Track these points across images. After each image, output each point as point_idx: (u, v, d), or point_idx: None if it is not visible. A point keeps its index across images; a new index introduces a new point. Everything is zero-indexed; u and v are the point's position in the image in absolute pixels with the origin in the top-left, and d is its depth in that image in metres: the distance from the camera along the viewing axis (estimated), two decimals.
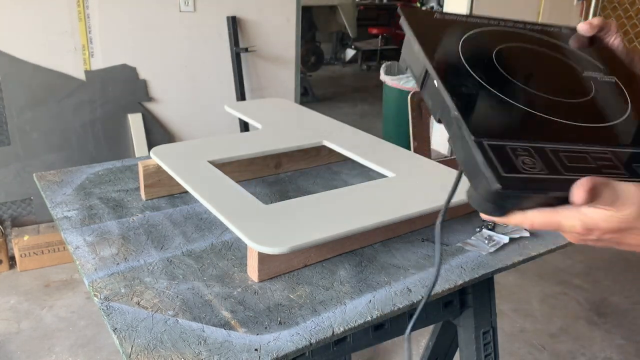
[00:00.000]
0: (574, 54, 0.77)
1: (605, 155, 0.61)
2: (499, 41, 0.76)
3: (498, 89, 0.66)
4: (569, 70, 0.74)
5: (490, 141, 0.58)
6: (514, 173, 0.55)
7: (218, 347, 0.76)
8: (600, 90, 0.72)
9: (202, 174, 1.10)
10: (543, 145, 0.59)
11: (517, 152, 0.58)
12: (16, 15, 2.39)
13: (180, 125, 2.94)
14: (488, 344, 1.12)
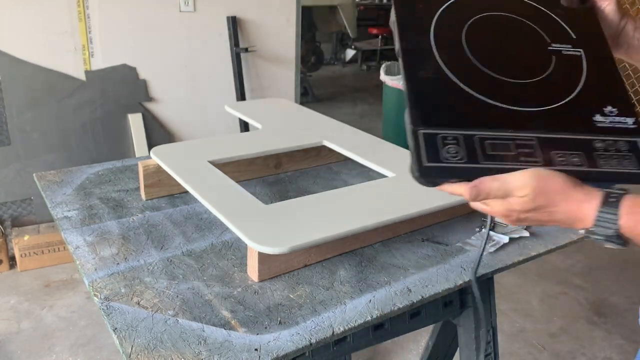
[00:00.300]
0: (550, 21, 0.77)
1: (531, 142, 0.65)
2: (476, 10, 0.78)
3: (455, 72, 0.70)
4: (536, 43, 0.75)
5: (426, 129, 0.65)
6: (435, 162, 0.62)
7: (218, 347, 0.76)
8: (558, 67, 0.73)
9: (202, 174, 1.10)
10: (474, 132, 0.65)
11: (446, 141, 0.64)
12: (16, 15, 2.39)
13: (180, 125, 2.94)
14: (488, 344, 1.12)
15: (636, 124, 0.68)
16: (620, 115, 0.69)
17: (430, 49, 0.73)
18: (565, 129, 0.67)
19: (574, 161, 0.65)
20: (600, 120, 0.68)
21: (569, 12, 0.79)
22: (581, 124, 0.68)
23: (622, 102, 0.70)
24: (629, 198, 0.58)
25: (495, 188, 0.61)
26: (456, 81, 0.70)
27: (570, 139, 0.67)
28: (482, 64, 0.72)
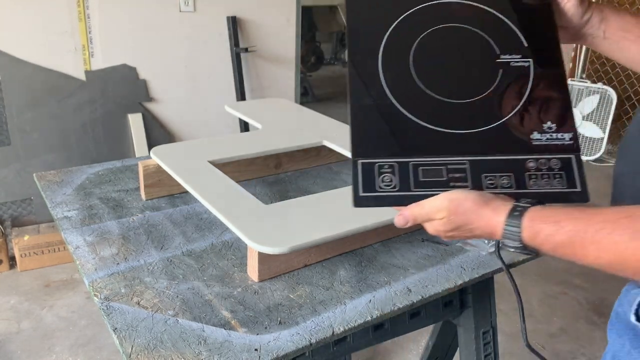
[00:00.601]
0: (503, 28, 0.75)
1: (463, 166, 0.68)
2: (427, 24, 0.76)
3: (398, 98, 0.72)
4: (484, 56, 0.74)
5: (365, 159, 0.69)
6: (370, 192, 0.67)
7: (218, 347, 0.76)
8: (502, 82, 0.72)
9: (202, 174, 1.10)
10: (410, 160, 0.69)
11: (382, 170, 0.68)
12: (16, 15, 2.39)
13: (180, 125, 2.94)
14: (488, 344, 1.12)
15: (572, 140, 0.68)
16: (559, 131, 0.69)
17: (377, 72, 0.73)
18: (500, 150, 0.68)
19: (503, 183, 0.66)
20: (537, 138, 0.69)
21: (526, 13, 0.76)
22: (517, 144, 0.69)
23: (563, 117, 0.70)
24: (533, 210, 0.61)
25: (417, 213, 0.66)
26: (399, 107, 0.71)
27: (502, 160, 0.68)
28: (427, 86, 0.73)
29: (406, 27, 0.76)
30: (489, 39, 0.75)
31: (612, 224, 0.56)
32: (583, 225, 0.57)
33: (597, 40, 0.78)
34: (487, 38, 0.75)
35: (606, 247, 0.56)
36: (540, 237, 0.60)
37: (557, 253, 0.60)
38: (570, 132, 0.69)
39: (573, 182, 0.66)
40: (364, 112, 0.72)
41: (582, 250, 0.57)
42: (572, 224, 0.58)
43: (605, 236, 0.56)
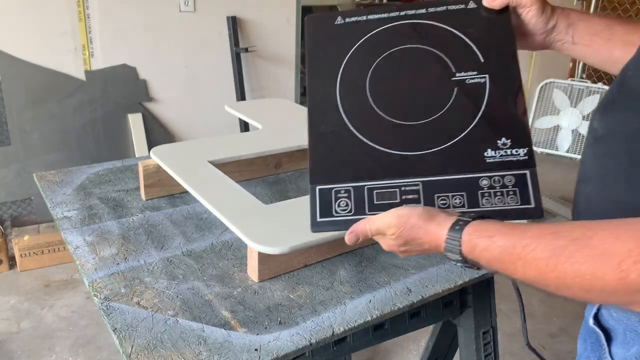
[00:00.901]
0: (460, 45, 0.75)
1: (416, 187, 0.69)
2: (385, 47, 0.77)
3: (355, 123, 0.73)
4: (441, 75, 0.74)
5: (323, 185, 0.71)
6: (327, 217, 0.69)
7: (218, 347, 0.76)
8: (457, 101, 0.72)
9: (202, 174, 1.10)
10: (365, 184, 0.70)
11: (339, 195, 0.70)
12: (16, 15, 2.39)
13: (180, 125, 2.94)
14: (488, 344, 1.12)
15: (527, 155, 0.68)
16: (514, 146, 0.68)
17: (335, 99, 0.75)
18: (454, 169, 0.68)
19: (455, 203, 0.67)
20: (491, 156, 0.68)
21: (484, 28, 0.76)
22: (471, 162, 0.68)
23: (517, 132, 0.69)
24: (473, 224, 0.61)
25: (368, 229, 0.68)
26: (355, 133, 0.73)
27: (455, 180, 0.68)
28: (383, 110, 0.73)
29: (363, 52, 0.77)
30: (445, 57, 0.75)
31: (537, 241, 0.56)
32: (512, 241, 0.58)
33: (566, 45, 0.78)
34: (444, 57, 0.75)
35: (530, 263, 0.56)
36: (476, 251, 0.60)
37: (492, 267, 0.60)
38: (525, 147, 0.68)
39: (527, 199, 0.66)
40: (322, 139, 0.73)
41: (511, 266, 0.58)
42: (503, 239, 0.58)
43: (530, 252, 0.56)
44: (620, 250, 0.49)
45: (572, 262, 0.52)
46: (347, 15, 0.80)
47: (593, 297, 0.53)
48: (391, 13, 0.79)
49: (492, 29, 0.75)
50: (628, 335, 0.63)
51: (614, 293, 0.50)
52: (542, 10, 0.75)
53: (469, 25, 0.76)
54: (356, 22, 0.80)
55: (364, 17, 0.80)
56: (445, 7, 0.78)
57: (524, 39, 0.79)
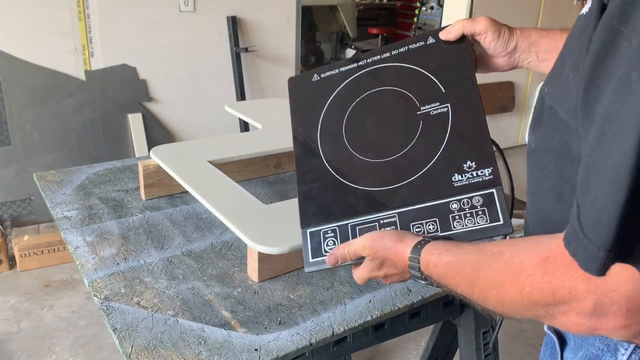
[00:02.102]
0: (422, 80, 0.80)
1: (392, 219, 0.73)
2: (356, 95, 0.84)
3: (335, 167, 0.80)
4: (407, 111, 0.79)
5: (312, 228, 0.77)
6: (318, 257, 0.75)
7: (218, 347, 0.76)
8: (424, 133, 0.77)
9: (202, 174, 1.10)
10: (348, 221, 0.75)
11: (327, 235, 0.76)
12: (16, 15, 2.39)
13: (180, 125, 2.94)
14: (488, 344, 1.12)
15: (492, 174, 0.71)
16: (479, 168, 0.71)
17: (317, 147, 0.83)
18: (426, 197, 0.73)
19: (429, 229, 0.71)
20: (459, 180, 0.72)
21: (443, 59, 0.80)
22: (441, 188, 0.72)
23: (481, 154, 0.72)
24: (431, 243, 0.65)
25: (346, 251, 0.72)
26: (336, 175, 0.79)
27: (428, 207, 0.72)
28: (357, 151, 0.80)
29: (338, 102, 0.85)
30: (410, 94, 0.80)
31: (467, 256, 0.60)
32: (452, 257, 0.61)
33: (533, 63, 0.81)
34: (408, 94, 0.80)
35: (462, 277, 0.59)
36: (429, 268, 0.63)
37: (442, 283, 0.63)
38: (489, 167, 0.71)
39: (495, 216, 0.68)
40: (308, 185, 0.80)
41: (452, 280, 0.61)
42: (447, 256, 0.62)
43: (462, 267, 0.59)
44: (519, 264, 0.52)
45: (488, 275, 0.55)
46: (322, 71, 0.89)
47: (506, 309, 0.55)
48: (359, 62, 0.86)
49: (450, 60, 0.80)
50: (576, 341, 0.65)
51: (518, 305, 0.53)
52: (498, 34, 0.79)
53: (430, 59, 0.81)
54: (330, 77, 0.88)
55: (336, 70, 0.88)
56: (406, 47, 0.84)
57: (488, 63, 0.83)
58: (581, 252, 0.46)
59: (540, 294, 0.50)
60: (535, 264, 0.51)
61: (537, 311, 0.51)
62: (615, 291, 0.45)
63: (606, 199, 0.43)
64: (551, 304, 0.50)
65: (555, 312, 0.50)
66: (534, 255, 0.51)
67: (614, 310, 0.46)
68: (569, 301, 0.48)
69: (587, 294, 0.47)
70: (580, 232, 0.45)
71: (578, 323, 0.49)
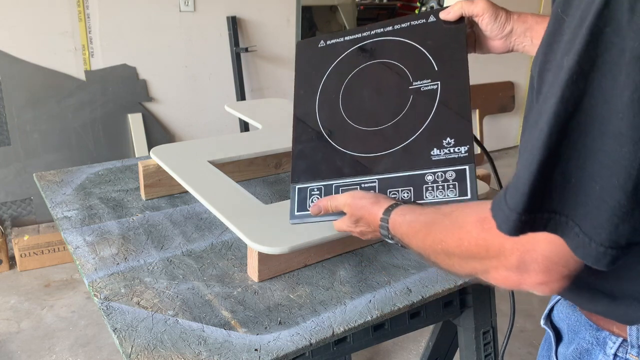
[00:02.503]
0: (418, 57, 0.84)
1: (373, 184, 0.79)
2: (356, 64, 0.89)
3: (328, 130, 0.86)
4: (400, 85, 0.84)
5: (301, 184, 0.85)
6: (303, 211, 0.83)
7: (218, 347, 0.76)
8: (412, 107, 0.81)
9: (202, 174, 1.10)
10: (333, 182, 0.82)
11: (312, 192, 0.83)
12: (16, 15, 2.39)
13: (180, 125, 2.94)
14: (488, 344, 1.12)
15: (467, 152, 0.76)
16: (457, 145, 0.77)
17: (315, 110, 0.88)
18: (405, 167, 0.78)
19: (404, 197, 0.76)
20: (437, 154, 0.77)
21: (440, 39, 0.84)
22: (419, 160, 0.78)
23: (461, 132, 0.77)
24: (401, 206, 0.71)
25: (329, 204, 0.79)
26: (328, 139, 0.85)
27: (406, 177, 0.78)
28: (351, 119, 0.85)
29: (339, 70, 0.90)
30: (405, 69, 0.85)
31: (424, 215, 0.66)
32: (414, 216, 0.67)
33: (528, 47, 0.84)
34: (404, 68, 0.85)
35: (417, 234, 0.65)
36: (396, 227, 0.69)
37: (404, 242, 0.68)
38: (466, 145, 0.76)
39: (465, 191, 0.73)
40: (302, 144, 0.87)
41: (413, 239, 0.66)
42: (410, 216, 0.68)
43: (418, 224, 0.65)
44: (461, 222, 0.59)
45: (437, 231, 0.61)
46: (328, 38, 0.94)
47: (453, 263, 0.60)
48: (364, 32, 0.91)
49: (447, 40, 0.84)
50: (569, 335, 0.68)
51: (459, 258, 0.58)
52: (495, 17, 0.82)
53: (428, 37, 0.85)
54: (335, 44, 0.92)
55: (341, 38, 0.92)
56: (408, 23, 0.88)
57: (485, 44, 0.87)
58: (499, 214, 0.50)
59: (476, 249, 0.56)
60: (474, 222, 0.57)
61: (474, 264, 0.57)
62: (535, 250, 0.50)
63: (523, 169, 0.47)
64: (485, 257, 0.55)
65: (489, 267, 0.55)
66: (474, 215, 0.57)
67: (534, 267, 0.51)
68: (499, 256, 0.53)
69: (512, 251, 0.52)
70: (503, 198, 0.50)
71: (506, 277, 0.54)
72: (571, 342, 0.68)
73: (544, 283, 0.51)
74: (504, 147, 4.28)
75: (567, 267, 0.50)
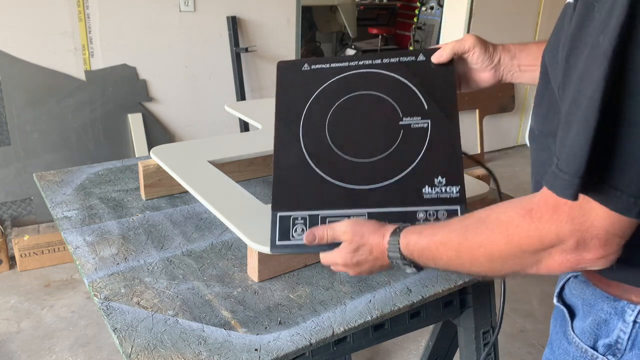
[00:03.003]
0: (408, 94, 0.84)
1: (362, 217, 0.77)
2: (343, 92, 0.87)
3: (314, 158, 0.82)
4: (389, 119, 0.83)
5: (283, 212, 0.79)
6: (285, 241, 0.78)
7: (218, 347, 0.76)
8: (403, 143, 0.81)
9: (202, 174, 1.10)
10: (319, 212, 0.79)
11: (296, 222, 0.79)
12: (16, 15, 2.39)
13: (180, 125, 2.94)
14: (488, 344, 1.12)
15: (459, 192, 0.77)
16: (448, 184, 0.78)
17: (299, 136, 0.85)
18: (396, 203, 0.78)
19: None
20: (428, 192, 0.78)
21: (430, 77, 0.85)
22: (411, 197, 0.78)
23: (452, 172, 0.78)
24: (410, 227, 0.71)
25: (325, 233, 0.76)
26: (314, 167, 0.82)
27: (397, 212, 0.77)
28: (339, 148, 0.83)
29: (325, 97, 0.87)
30: (395, 103, 0.84)
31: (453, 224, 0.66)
32: (435, 229, 0.67)
33: (516, 74, 0.87)
34: (393, 103, 0.84)
35: (447, 243, 0.65)
36: (410, 246, 0.69)
37: (423, 259, 0.68)
38: (457, 185, 0.77)
39: None
40: (285, 171, 0.83)
41: (436, 252, 0.66)
42: (429, 230, 0.68)
43: (447, 234, 0.65)
44: (505, 219, 0.59)
45: (475, 234, 0.62)
46: (313, 62, 0.91)
47: (496, 265, 0.61)
48: (351, 62, 0.89)
49: (437, 79, 0.85)
50: (584, 309, 0.70)
51: (507, 256, 0.59)
52: (485, 49, 0.85)
53: (418, 75, 0.86)
54: (320, 69, 0.90)
55: (327, 64, 0.90)
56: (398, 59, 0.88)
57: (474, 79, 0.89)
58: (558, 184, 0.52)
59: (528, 241, 0.56)
60: (521, 215, 0.57)
61: (525, 259, 0.58)
62: (595, 226, 0.53)
63: (578, 136, 0.50)
64: (539, 249, 0.56)
65: (542, 256, 0.56)
66: (519, 209, 0.58)
67: (594, 243, 0.53)
68: (556, 243, 0.55)
69: (572, 233, 0.54)
70: (557, 171, 0.52)
71: (562, 261, 0.55)
72: (587, 315, 0.69)
73: (604, 256, 0.54)
74: (504, 147, 4.28)
75: (623, 236, 0.53)
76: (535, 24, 3.95)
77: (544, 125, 0.67)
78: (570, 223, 0.53)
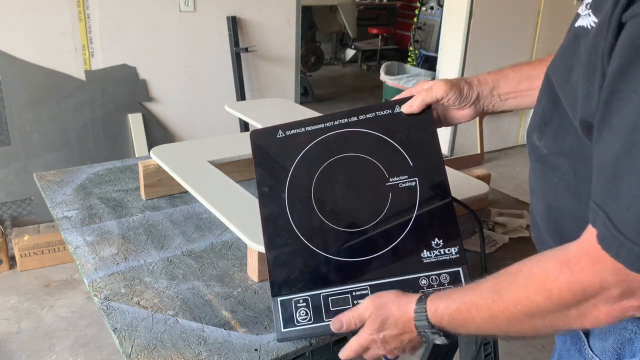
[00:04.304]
0: (391, 152, 0.81)
1: (365, 291, 0.75)
2: (323, 158, 0.82)
3: (305, 234, 0.78)
4: (376, 182, 0.80)
5: (283, 297, 0.76)
6: (290, 327, 0.75)
7: (218, 347, 0.76)
8: (393, 206, 0.78)
9: (202, 174, 1.10)
10: (321, 292, 0.76)
11: (298, 305, 0.76)
12: (16, 15, 2.39)
13: (180, 125, 2.94)
14: (488, 344, 1.12)
15: (458, 253, 0.75)
16: (446, 246, 0.76)
17: (286, 212, 0.80)
18: (397, 271, 0.76)
19: None
20: (427, 256, 0.76)
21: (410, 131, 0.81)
22: (411, 264, 0.76)
23: (448, 232, 0.76)
24: (435, 293, 0.68)
25: (350, 316, 0.73)
26: (307, 243, 0.78)
27: (399, 281, 0.75)
28: (329, 220, 0.79)
29: (305, 165, 0.83)
30: (379, 164, 0.81)
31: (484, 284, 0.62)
32: (465, 291, 0.64)
33: (497, 104, 0.85)
34: (377, 164, 0.81)
35: (480, 304, 0.61)
36: (439, 312, 0.65)
37: (455, 324, 0.65)
38: (455, 246, 0.76)
39: None
40: (278, 250, 0.79)
41: (468, 314, 0.63)
42: (458, 293, 0.65)
43: (479, 294, 0.62)
44: (541, 273, 0.56)
45: (510, 292, 0.58)
46: (287, 128, 0.86)
47: (536, 322, 0.57)
48: (326, 123, 0.84)
49: (416, 132, 0.82)
50: (604, 327, 0.66)
51: (549, 312, 0.56)
52: (459, 92, 0.82)
53: (397, 129, 0.82)
54: (295, 135, 0.85)
55: (302, 128, 0.85)
56: (374, 114, 0.84)
57: (453, 117, 0.87)
58: (626, 254, 0.49)
59: (570, 294, 0.53)
60: (558, 268, 0.54)
61: (568, 312, 0.54)
62: None
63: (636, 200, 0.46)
64: (582, 300, 0.53)
65: (586, 309, 0.53)
66: (555, 262, 0.55)
67: None
68: (599, 293, 0.52)
69: (617, 284, 0.51)
70: (620, 236, 0.48)
71: (608, 311, 0.53)
72: (608, 334, 0.66)
73: None
74: (503, 147, 4.28)
75: None
76: (535, 24, 3.95)
77: (554, 146, 0.65)
78: (616, 275, 0.50)
